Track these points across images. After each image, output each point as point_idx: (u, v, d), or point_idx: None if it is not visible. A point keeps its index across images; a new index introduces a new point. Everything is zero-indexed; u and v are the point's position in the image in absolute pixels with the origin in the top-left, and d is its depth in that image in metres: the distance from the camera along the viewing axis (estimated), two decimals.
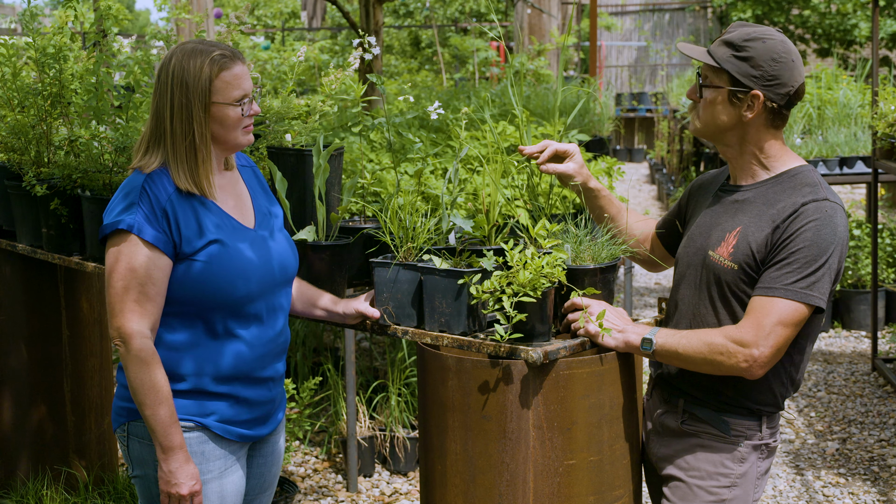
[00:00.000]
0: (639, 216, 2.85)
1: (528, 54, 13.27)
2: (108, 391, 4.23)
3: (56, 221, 3.35)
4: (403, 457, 4.76)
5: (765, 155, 2.45)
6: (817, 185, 2.39)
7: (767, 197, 2.41)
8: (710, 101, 2.44)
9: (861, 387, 6.03)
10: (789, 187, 2.40)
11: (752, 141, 2.44)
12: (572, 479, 2.37)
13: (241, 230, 2.48)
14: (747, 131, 2.43)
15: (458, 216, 2.70)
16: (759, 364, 2.32)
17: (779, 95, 2.39)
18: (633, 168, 17.50)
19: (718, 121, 2.44)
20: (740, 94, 2.39)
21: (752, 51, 2.38)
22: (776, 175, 2.44)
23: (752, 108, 2.39)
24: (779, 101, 2.39)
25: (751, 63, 2.38)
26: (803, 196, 2.36)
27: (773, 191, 2.42)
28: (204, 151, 2.41)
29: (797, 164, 2.46)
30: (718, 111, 2.43)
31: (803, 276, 2.30)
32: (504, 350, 2.34)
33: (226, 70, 2.40)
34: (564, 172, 2.67)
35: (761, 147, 2.45)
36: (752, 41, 2.39)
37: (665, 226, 2.76)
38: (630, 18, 22.37)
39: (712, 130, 2.47)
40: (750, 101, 2.39)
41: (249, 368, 2.48)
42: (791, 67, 2.39)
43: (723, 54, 2.41)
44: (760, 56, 2.37)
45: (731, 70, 2.39)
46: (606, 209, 2.73)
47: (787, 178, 2.42)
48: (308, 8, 21.11)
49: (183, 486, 2.38)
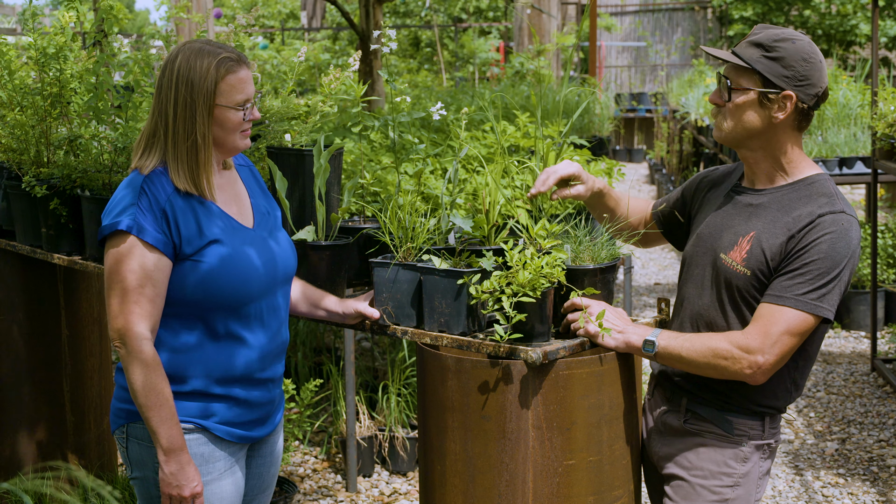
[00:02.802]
0: (632, 200, 2.82)
1: (528, 54, 13.26)
2: (107, 391, 4.23)
3: (55, 221, 3.35)
4: (403, 457, 4.76)
5: (787, 159, 2.43)
6: (833, 195, 2.38)
7: (783, 204, 2.40)
8: (739, 104, 2.40)
9: (860, 387, 6.03)
10: (805, 195, 2.39)
11: (777, 144, 2.42)
12: (572, 480, 2.37)
13: (241, 230, 2.48)
14: (774, 134, 2.41)
15: (457, 216, 2.70)
16: (763, 371, 2.33)
17: (809, 96, 2.37)
18: (633, 168, 17.49)
19: (748, 124, 2.40)
20: (771, 94, 2.36)
21: (782, 51, 2.36)
22: (793, 182, 2.43)
23: (783, 110, 2.37)
24: (809, 102, 2.38)
25: (782, 63, 2.35)
26: (820, 207, 2.34)
27: (788, 198, 2.40)
28: (205, 152, 2.41)
29: (814, 172, 2.44)
30: (748, 114, 2.40)
31: (815, 287, 2.30)
32: (503, 350, 2.34)
33: (232, 73, 2.40)
34: (577, 197, 2.64)
35: (785, 151, 2.43)
36: (782, 41, 2.36)
37: (664, 211, 2.73)
38: (629, 18, 22.37)
39: (741, 135, 2.43)
40: (781, 101, 2.37)
41: (249, 370, 2.48)
42: (819, 68, 2.38)
43: (752, 55, 2.38)
44: (792, 56, 2.35)
45: (763, 71, 2.36)
46: (608, 205, 2.72)
47: (804, 186, 2.41)
48: (307, 8, 21.10)
49: (184, 488, 2.38)
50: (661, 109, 16.90)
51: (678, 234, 2.74)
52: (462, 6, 19.78)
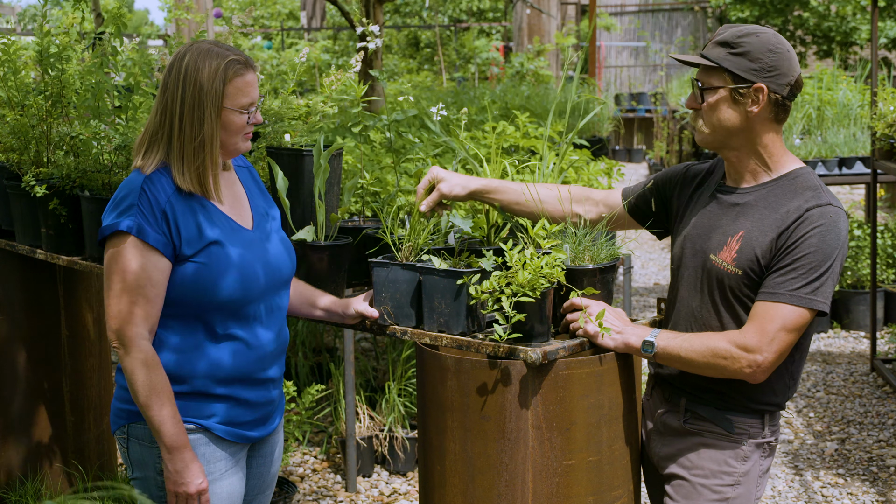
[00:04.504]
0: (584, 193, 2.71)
1: (528, 54, 13.27)
2: (106, 391, 4.23)
3: (55, 221, 3.35)
4: (402, 457, 4.76)
5: (769, 153, 2.44)
6: (818, 188, 2.39)
7: (769, 200, 2.41)
8: (712, 104, 2.42)
9: (860, 387, 6.04)
10: (790, 190, 2.40)
11: (757, 139, 2.42)
12: (571, 480, 2.37)
13: (240, 231, 2.48)
14: (753, 129, 2.41)
15: (457, 216, 2.70)
16: (763, 369, 2.33)
17: (780, 86, 2.38)
18: (633, 168, 17.48)
19: (726, 122, 2.41)
20: (742, 89, 2.38)
21: (747, 45, 2.38)
22: (777, 178, 2.44)
23: (757, 103, 2.38)
24: (782, 93, 2.38)
25: (748, 57, 2.37)
26: (807, 201, 2.35)
27: (774, 194, 2.41)
28: (213, 153, 2.41)
29: (797, 167, 2.45)
30: (723, 112, 2.41)
31: (808, 281, 2.30)
32: (503, 350, 2.34)
33: (239, 76, 2.40)
34: (444, 198, 2.59)
35: (765, 145, 2.43)
36: (746, 37, 2.39)
37: (638, 200, 2.67)
38: (629, 19, 22.37)
39: (721, 135, 2.43)
40: (754, 95, 2.38)
41: (249, 370, 2.48)
42: (788, 58, 2.39)
43: (718, 54, 2.40)
44: (757, 49, 2.37)
45: (731, 67, 2.38)
46: (516, 201, 2.63)
47: (788, 181, 2.42)
48: (307, 8, 21.09)
49: (190, 485, 2.38)
50: (660, 109, 16.90)
51: (652, 215, 2.69)
52: (463, 7, 19.80)
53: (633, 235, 2.86)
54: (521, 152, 4.53)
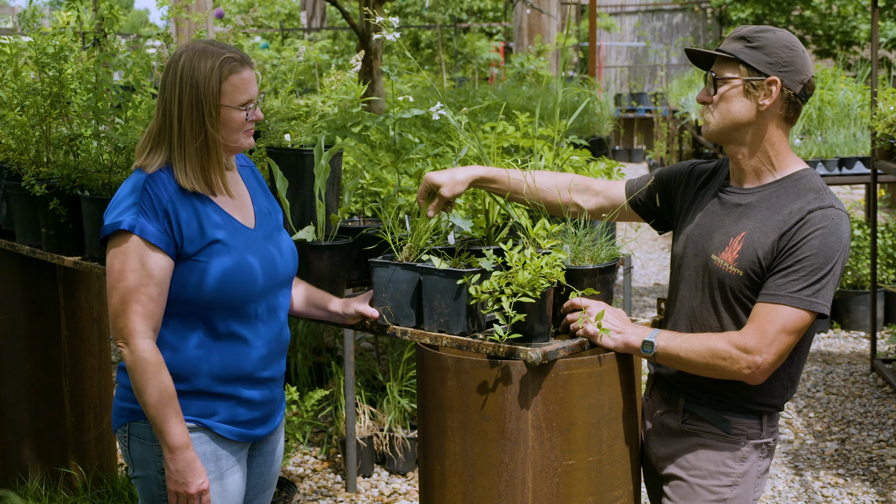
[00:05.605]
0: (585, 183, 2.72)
1: (528, 54, 13.27)
2: (107, 391, 4.23)
3: (55, 221, 3.36)
4: (403, 457, 4.76)
5: (775, 152, 2.44)
6: (821, 190, 2.38)
7: (772, 202, 2.40)
8: (725, 95, 2.41)
9: (860, 387, 6.04)
10: (794, 192, 2.39)
11: (765, 135, 2.42)
12: (571, 480, 2.37)
13: (242, 230, 2.48)
14: (762, 124, 2.41)
15: (457, 216, 2.70)
16: (762, 371, 2.33)
17: (794, 82, 2.39)
18: (633, 169, 17.49)
19: (735, 115, 2.41)
20: (756, 81, 2.38)
21: (763, 40, 2.39)
22: (780, 179, 2.43)
23: (769, 96, 2.38)
24: (795, 89, 2.39)
25: (764, 51, 2.38)
26: (809, 203, 2.35)
27: (777, 195, 2.41)
28: (216, 152, 2.41)
29: (800, 168, 2.45)
30: (735, 104, 2.41)
31: (808, 284, 2.30)
32: (503, 350, 2.34)
33: (235, 74, 2.40)
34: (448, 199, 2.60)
35: (773, 142, 2.43)
36: (763, 33, 2.40)
37: (643, 195, 2.68)
38: (629, 19, 22.37)
39: (728, 126, 2.43)
40: (767, 87, 2.38)
41: (251, 369, 2.49)
42: (803, 57, 2.41)
43: (735, 47, 2.41)
44: (773, 44, 2.38)
45: (747, 59, 2.38)
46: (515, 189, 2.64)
47: (791, 183, 2.42)
48: (307, 8, 21.09)
49: (191, 485, 2.38)
50: (660, 109, 16.91)
51: (655, 211, 2.70)
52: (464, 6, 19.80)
53: (633, 235, 2.86)
54: (522, 152, 4.53)
